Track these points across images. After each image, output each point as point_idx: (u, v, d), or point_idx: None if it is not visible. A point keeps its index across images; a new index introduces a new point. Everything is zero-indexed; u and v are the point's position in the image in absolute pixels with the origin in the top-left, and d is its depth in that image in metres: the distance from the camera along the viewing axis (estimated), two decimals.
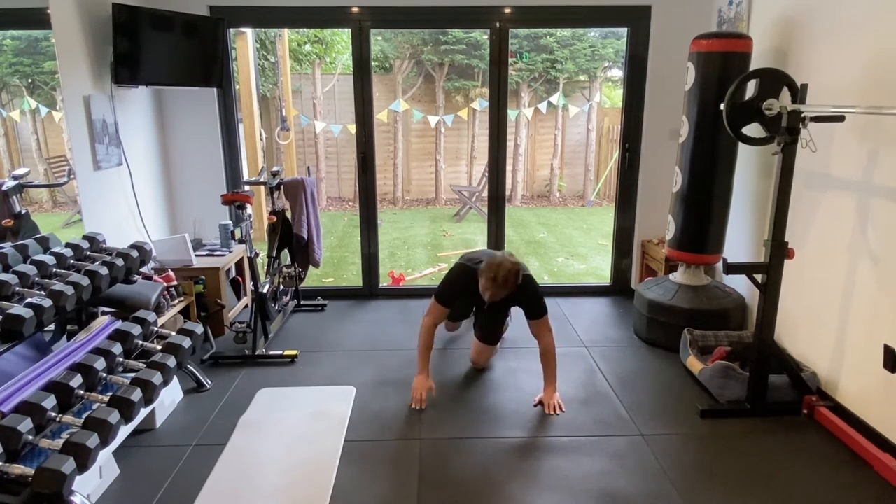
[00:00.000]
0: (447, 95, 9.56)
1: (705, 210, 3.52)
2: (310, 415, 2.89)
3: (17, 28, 2.97)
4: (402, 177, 9.60)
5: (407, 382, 3.23)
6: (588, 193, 9.76)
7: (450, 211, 9.17)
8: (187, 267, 3.68)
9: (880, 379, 2.58)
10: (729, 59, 3.31)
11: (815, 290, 3.05)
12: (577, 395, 3.12)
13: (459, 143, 9.71)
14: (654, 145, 4.30)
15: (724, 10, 3.91)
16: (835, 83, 2.89)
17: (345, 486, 2.40)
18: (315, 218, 4.24)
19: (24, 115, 3.00)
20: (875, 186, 2.63)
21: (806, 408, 2.89)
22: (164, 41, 3.67)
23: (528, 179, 10.02)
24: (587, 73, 9.68)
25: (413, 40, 9.27)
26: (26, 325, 2.07)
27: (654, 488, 2.39)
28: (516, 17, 4.12)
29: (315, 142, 9.20)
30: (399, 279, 5.57)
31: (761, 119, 2.95)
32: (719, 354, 3.20)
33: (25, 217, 2.85)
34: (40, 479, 1.73)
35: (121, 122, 3.61)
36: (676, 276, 3.75)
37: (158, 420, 2.84)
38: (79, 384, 2.15)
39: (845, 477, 2.46)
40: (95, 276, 2.47)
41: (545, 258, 6.70)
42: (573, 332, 3.92)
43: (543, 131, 9.86)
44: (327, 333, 3.92)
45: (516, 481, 2.43)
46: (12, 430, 1.82)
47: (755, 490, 2.38)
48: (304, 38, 9.47)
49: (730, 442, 2.71)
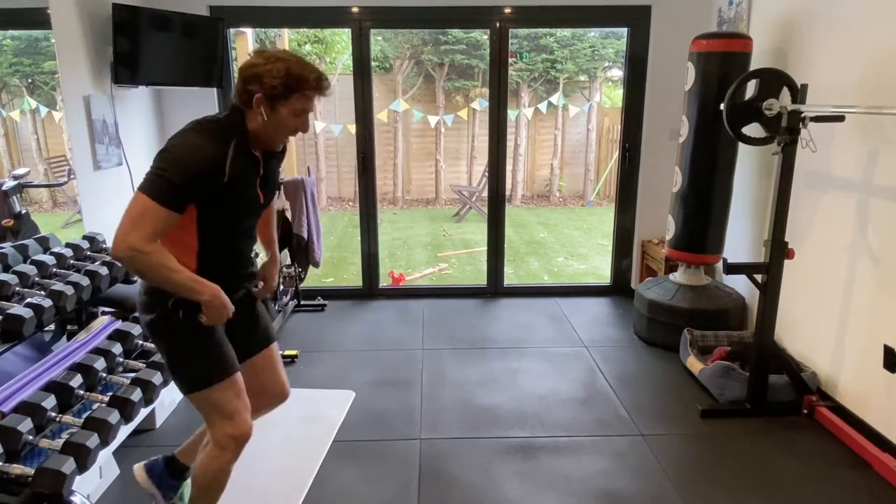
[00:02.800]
0: (447, 95, 9.56)
1: (705, 210, 3.52)
2: (302, 417, 2.88)
3: (17, 28, 2.97)
4: (402, 177, 9.60)
5: (406, 382, 3.23)
6: (588, 193, 9.76)
7: (450, 211, 9.17)
8: None
9: (880, 379, 2.58)
10: (729, 59, 3.31)
11: (815, 290, 3.05)
12: (577, 395, 3.11)
13: (459, 143, 9.71)
14: (654, 145, 4.30)
15: (724, 10, 3.91)
16: (835, 83, 2.89)
17: (345, 486, 2.40)
18: (315, 218, 4.24)
19: (24, 115, 3.00)
20: (875, 186, 2.63)
21: (806, 408, 2.89)
22: (164, 41, 3.67)
23: (528, 179, 10.02)
24: (587, 73, 9.68)
25: (413, 40, 9.27)
26: (26, 325, 2.07)
27: (654, 488, 2.39)
28: (516, 17, 4.11)
29: (315, 142, 9.20)
30: (399, 279, 5.57)
31: (761, 119, 2.95)
32: (719, 354, 3.20)
33: (25, 217, 2.85)
34: (40, 479, 1.73)
35: (121, 121, 3.61)
36: (676, 276, 3.75)
37: (158, 420, 2.83)
38: (79, 384, 2.15)
39: (845, 477, 2.46)
40: (95, 276, 2.47)
41: (545, 258, 6.70)
42: (573, 332, 3.92)
43: (543, 131, 9.86)
44: (327, 333, 3.92)
45: (516, 481, 2.43)
46: (12, 430, 1.82)
47: (755, 490, 2.38)
48: (304, 38, 9.47)
49: (730, 442, 2.71)
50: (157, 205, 1.53)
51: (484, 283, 4.68)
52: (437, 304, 4.44)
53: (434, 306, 4.38)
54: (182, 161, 1.57)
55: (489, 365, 3.46)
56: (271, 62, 1.63)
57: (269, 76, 1.62)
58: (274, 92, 1.63)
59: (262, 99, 1.64)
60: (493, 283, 4.63)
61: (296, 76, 1.63)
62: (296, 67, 1.63)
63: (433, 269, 6.25)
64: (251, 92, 1.64)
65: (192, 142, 1.62)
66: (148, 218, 1.54)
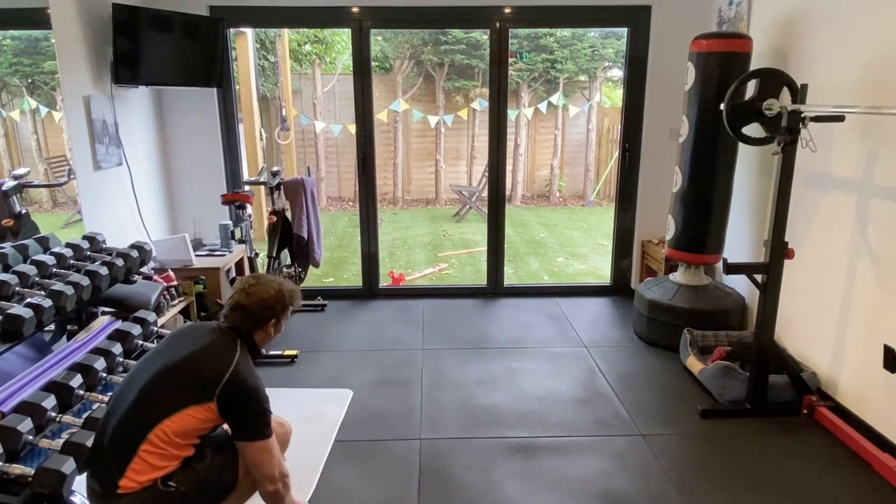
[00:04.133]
0: (447, 95, 9.56)
1: (705, 210, 3.52)
2: (302, 418, 2.88)
3: (17, 28, 2.97)
4: (402, 177, 9.60)
5: (407, 382, 3.23)
6: (588, 193, 9.76)
7: (450, 211, 9.16)
8: (187, 267, 3.68)
9: (880, 379, 2.58)
10: (729, 59, 3.31)
11: (815, 290, 3.05)
12: (577, 395, 3.11)
13: (459, 143, 9.70)
14: (654, 145, 4.30)
15: (724, 10, 3.91)
16: (835, 83, 2.89)
17: (345, 486, 2.40)
18: (315, 218, 4.24)
19: (24, 115, 3.00)
20: (875, 186, 2.63)
21: (806, 408, 2.89)
22: (164, 41, 3.67)
23: (528, 179, 10.01)
24: (587, 73, 9.68)
25: (413, 40, 9.27)
26: (26, 325, 2.07)
27: (654, 488, 2.39)
28: (516, 17, 4.11)
29: (315, 142, 9.19)
30: (399, 279, 5.57)
31: (761, 119, 2.95)
32: (719, 354, 3.20)
33: (25, 217, 2.85)
34: (40, 479, 1.73)
35: (121, 122, 3.61)
36: (676, 276, 3.75)
37: None
38: (79, 384, 2.15)
39: (845, 477, 2.46)
40: (95, 276, 2.47)
41: (545, 258, 6.70)
42: (573, 332, 3.92)
43: (543, 131, 9.86)
44: (327, 333, 3.92)
45: (516, 481, 2.43)
46: (12, 430, 1.82)
47: (755, 490, 2.38)
48: (304, 38, 9.47)
49: (730, 442, 2.71)
50: (272, 436, 1.83)
51: (484, 283, 4.68)
52: (437, 304, 4.44)
53: (434, 306, 4.38)
54: (265, 397, 1.84)
55: (489, 365, 3.46)
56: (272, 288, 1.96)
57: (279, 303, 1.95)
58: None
59: (274, 322, 1.96)
60: (493, 283, 4.63)
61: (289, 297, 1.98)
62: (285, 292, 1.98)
63: (433, 269, 6.24)
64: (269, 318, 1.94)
65: (261, 383, 1.85)
66: (274, 446, 1.83)
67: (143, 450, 1.66)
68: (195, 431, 1.74)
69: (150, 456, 1.67)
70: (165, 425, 1.68)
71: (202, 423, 1.73)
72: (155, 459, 1.67)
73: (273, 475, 1.81)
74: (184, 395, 1.71)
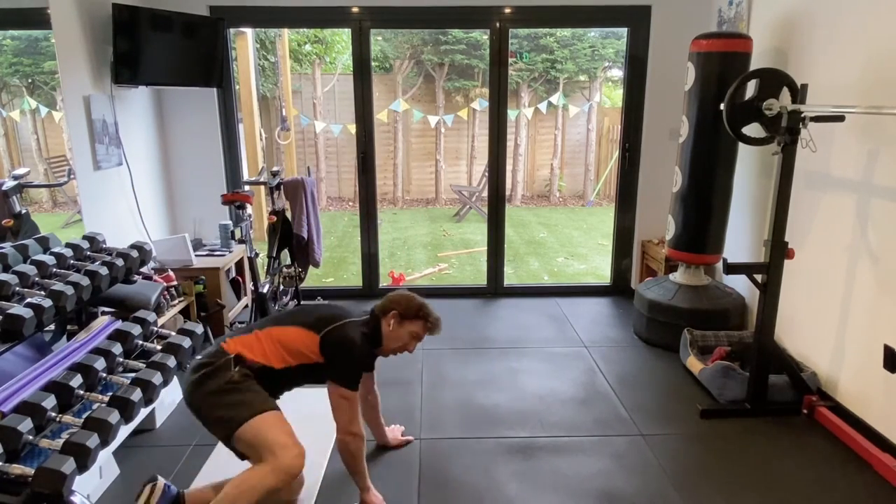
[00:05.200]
0: (447, 95, 9.56)
1: (705, 210, 3.52)
2: (302, 417, 2.87)
3: (17, 28, 2.97)
4: (402, 177, 9.60)
5: (407, 382, 3.23)
6: (588, 193, 9.76)
7: (450, 211, 9.17)
8: (187, 267, 3.68)
9: (880, 379, 2.58)
10: (729, 59, 3.31)
11: (814, 291, 3.05)
12: (577, 395, 3.11)
13: (459, 143, 9.71)
14: (654, 145, 4.30)
15: (724, 10, 3.91)
16: (835, 83, 2.89)
17: (345, 486, 2.40)
18: (315, 218, 4.23)
19: (24, 115, 3.00)
20: (875, 186, 2.63)
21: (806, 408, 2.89)
22: (164, 41, 3.67)
23: (528, 179, 10.02)
24: (587, 73, 9.68)
25: (413, 40, 9.27)
26: (26, 325, 2.07)
27: (653, 488, 2.39)
28: (516, 17, 4.11)
29: (315, 142, 9.20)
30: (399, 279, 5.57)
31: (761, 119, 2.95)
32: (719, 354, 3.20)
33: (25, 217, 2.85)
34: (40, 479, 1.73)
35: (121, 122, 3.61)
36: (676, 276, 3.75)
37: (158, 420, 2.84)
38: (79, 384, 2.15)
39: (845, 477, 2.46)
40: (95, 276, 2.47)
41: (545, 258, 6.70)
42: (573, 332, 3.92)
43: (543, 131, 9.86)
44: None
45: (516, 481, 2.43)
46: (12, 430, 1.82)
47: (755, 490, 2.38)
48: (304, 38, 9.47)
49: (730, 442, 2.71)
50: (355, 392, 2.14)
51: (484, 283, 4.68)
52: (437, 304, 4.35)
53: (434, 306, 4.37)
54: (362, 361, 2.24)
55: (489, 365, 3.46)
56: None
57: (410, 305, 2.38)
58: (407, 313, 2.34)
59: (396, 314, 2.30)
60: (493, 283, 4.63)
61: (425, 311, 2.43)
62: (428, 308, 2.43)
63: (433, 269, 6.25)
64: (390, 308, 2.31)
65: (365, 350, 2.22)
66: (354, 403, 2.15)
67: (255, 333, 2.14)
68: (290, 350, 2.11)
69: (252, 339, 2.11)
70: (277, 329, 2.14)
71: (302, 345, 2.11)
72: (252, 342, 2.11)
73: (343, 423, 2.12)
74: (303, 319, 2.17)
